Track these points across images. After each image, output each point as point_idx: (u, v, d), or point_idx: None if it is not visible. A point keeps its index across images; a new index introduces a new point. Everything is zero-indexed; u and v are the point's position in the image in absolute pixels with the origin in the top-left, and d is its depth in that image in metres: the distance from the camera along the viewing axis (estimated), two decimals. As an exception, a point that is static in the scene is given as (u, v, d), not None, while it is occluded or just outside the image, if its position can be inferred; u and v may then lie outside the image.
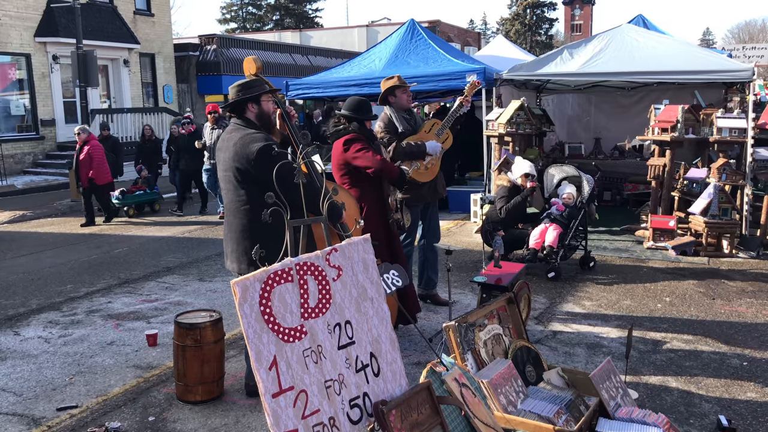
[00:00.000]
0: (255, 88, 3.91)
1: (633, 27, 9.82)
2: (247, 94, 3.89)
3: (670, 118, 8.20)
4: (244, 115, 3.92)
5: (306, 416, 2.33)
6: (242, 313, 2.25)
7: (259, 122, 3.90)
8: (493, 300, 4.06)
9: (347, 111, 5.04)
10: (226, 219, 4.00)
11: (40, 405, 4.26)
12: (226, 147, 3.87)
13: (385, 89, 5.61)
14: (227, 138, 3.90)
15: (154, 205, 12.21)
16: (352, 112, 5.02)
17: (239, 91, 3.90)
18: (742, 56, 16.27)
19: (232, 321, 5.51)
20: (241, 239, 3.87)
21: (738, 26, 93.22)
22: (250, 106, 3.90)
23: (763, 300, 6.05)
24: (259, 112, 3.91)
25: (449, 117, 5.70)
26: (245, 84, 3.93)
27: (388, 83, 5.61)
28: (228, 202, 3.93)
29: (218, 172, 3.99)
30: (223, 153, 3.88)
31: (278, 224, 2.69)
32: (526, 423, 3.13)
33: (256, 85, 3.92)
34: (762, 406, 4.00)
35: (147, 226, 10.77)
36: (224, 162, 3.86)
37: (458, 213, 10.70)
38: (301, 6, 57.75)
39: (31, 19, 17.57)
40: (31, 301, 6.56)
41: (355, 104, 5.05)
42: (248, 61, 4.08)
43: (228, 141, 3.87)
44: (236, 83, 3.95)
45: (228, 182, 3.88)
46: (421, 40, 11.15)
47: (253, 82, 3.94)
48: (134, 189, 11.95)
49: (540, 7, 70.87)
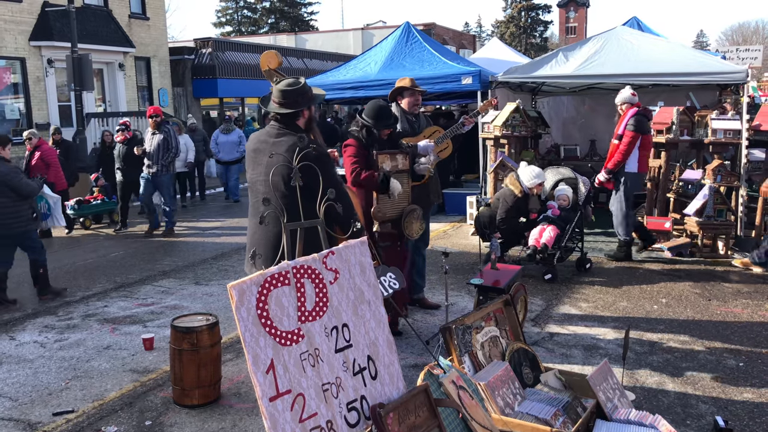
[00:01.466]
0: (310, 93, 3.78)
1: (627, 29, 9.86)
2: (306, 100, 3.75)
3: (665, 120, 8.23)
4: (294, 121, 3.77)
5: (303, 420, 2.33)
6: (239, 316, 2.25)
7: (306, 127, 3.80)
8: (490, 302, 4.06)
9: (365, 116, 5.05)
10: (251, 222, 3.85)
11: (36, 410, 4.24)
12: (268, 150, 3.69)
13: (395, 89, 5.73)
14: (274, 142, 3.72)
15: (113, 215, 11.19)
16: (367, 118, 5.03)
17: (299, 95, 3.74)
18: (735, 58, 16.35)
19: (228, 324, 5.50)
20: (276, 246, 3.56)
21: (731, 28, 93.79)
22: (306, 111, 3.79)
23: (759, 301, 6.07)
24: (310, 117, 3.83)
25: (454, 128, 5.74)
26: (304, 89, 3.78)
27: (399, 83, 5.72)
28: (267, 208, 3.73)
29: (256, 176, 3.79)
30: (265, 156, 3.71)
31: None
32: (523, 425, 3.13)
33: (309, 92, 3.79)
34: (758, 407, 4.01)
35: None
36: (269, 166, 3.65)
37: (454, 215, 10.71)
38: (296, 9, 57.76)
39: (25, 23, 17.53)
40: (27, 306, 6.54)
41: (371, 111, 5.04)
42: (269, 55, 3.95)
43: (277, 145, 3.69)
44: (286, 85, 3.77)
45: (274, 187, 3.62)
46: (417, 42, 11.17)
47: (306, 90, 3.78)
48: (91, 198, 10.99)
49: (535, 9, 71.04)
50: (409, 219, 5.17)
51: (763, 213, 7.97)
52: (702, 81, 8.52)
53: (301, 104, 3.76)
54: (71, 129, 17.02)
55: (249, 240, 3.91)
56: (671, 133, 8.11)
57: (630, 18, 13.73)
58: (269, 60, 3.95)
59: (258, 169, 3.80)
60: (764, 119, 7.91)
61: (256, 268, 3.65)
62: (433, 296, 6.23)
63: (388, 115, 5.06)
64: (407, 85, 5.64)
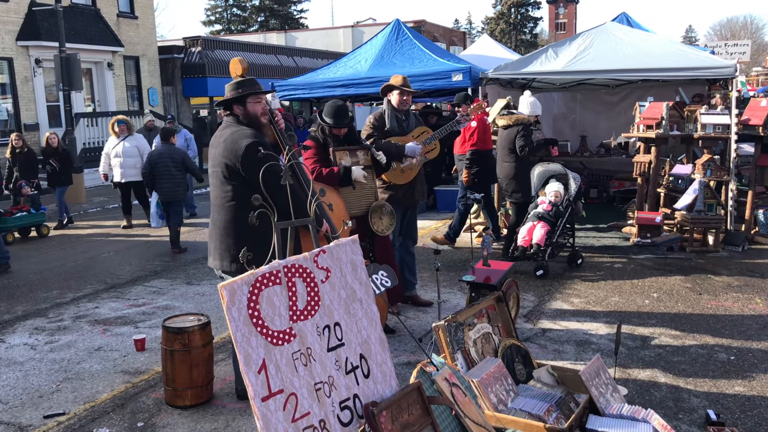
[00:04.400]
0: (243, 89, 3.94)
1: (617, 25, 9.88)
2: (233, 95, 3.93)
3: (654, 115, 8.26)
4: (234, 113, 3.97)
5: (296, 419, 2.31)
6: (230, 316, 2.23)
7: (246, 122, 3.93)
8: (482, 299, 4.07)
9: (324, 115, 5.17)
10: (211, 216, 4.01)
11: (26, 413, 4.21)
12: (217, 143, 3.90)
13: (386, 85, 5.75)
14: (219, 134, 3.94)
15: (41, 228, 10.18)
16: (326, 117, 5.14)
17: (229, 91, 3.97)
18: (724, 53, 16.41)
19: (220, 324, 5.47)
20: (224, 236, 3.88)
21: (720, 23, 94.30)
22: (236, 107, 3.95)
23: (749, 294, 6.11)
24: (245, 112, 3.94)
25: (443, 129, 5.79)
26: (236, 84, 3.97)
27: (391, 81, 5.74)
28: (214, 198, 3.96)
29: (209, 168, 4.00)
30: (213, 149, 3.91)
31: (262, 223, 2.70)
32: (516, 421, 3.13)
33: (245, 86, 3.95)
34: (749, 400, 4.03)
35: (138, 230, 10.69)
36: (214, 158, 3.88)
37: (446, 212, 10.72)
38: (286, 7, 57.62)
39: (12, 23, 17.40)
40: (17, 308, 6.49)
41: (328, 110, 5.15)
42: (234, 62, 4.09)
43: (219, 137, 3.91)
44: (231, 82, 4.00)
45: (216, 178, 3.90)
46: (407, 40, 11.15)
47: (242, 83, 3.96)
48: (15, 210, 9.85)
49: (524, 6, 71.15)
50: (377, 214, 5.21)
51: (752, 207, 8.02)
52: (691, 76, 8.55)
53: (230, 95, 3.92)
54: (60, 129, 16.92)
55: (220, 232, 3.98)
56: (661, 129, 8.14)
57: (619, 14, 13.76)
58: (235, 68, 4.10)
59: (209, 162, 3.99)
60: (753, 114, 7.95)
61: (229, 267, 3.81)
62: (425, 293, 6.23)
63: (343, 113, 5.15)
64: (398, 84, 5.68)
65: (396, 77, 5.75)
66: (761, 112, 7.82)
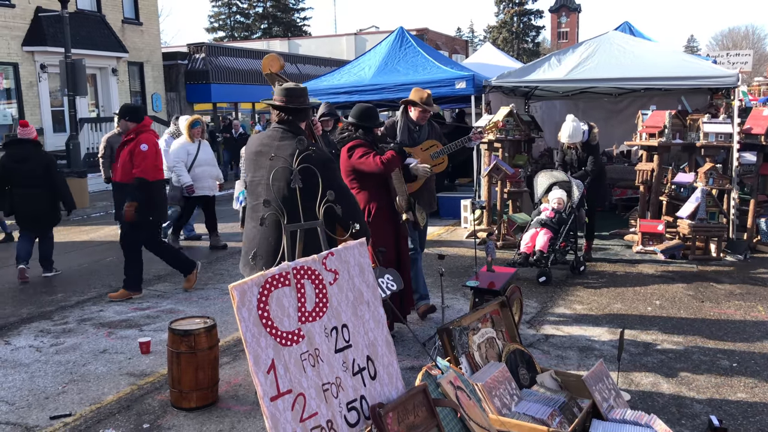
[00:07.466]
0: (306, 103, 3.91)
1: (619, 34, 9.93)
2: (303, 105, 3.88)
3: (657, 124, 8.29)
4: (298, 123, 3.91)
5: (304, 419, 2.35)
6: (240, 317, 2.27)
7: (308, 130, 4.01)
8: (486, 304, 4.10)
9: (353, 118, 5.15)
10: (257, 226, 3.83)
11: (33, 414, 4.24)
12: (271, 152, 3.76)
13: (407, 99, 5.74)
14: (278, 145, 3.81)
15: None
16: (358, 119, 5.12)
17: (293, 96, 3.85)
18: (726, 62, 16.46)
19: (225, 328, 5.50)
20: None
21: (722, 33, 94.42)
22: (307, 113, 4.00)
23: (751, 302, 6.13)
24: (307, 123, 4.03)
25: (453, 145, 5.71)
26: (305, 90, 3.91)
27: (412, 95, 5.70)
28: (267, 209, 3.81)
29: (258, 178, 3.85)
30: (266, 159, 3.78)
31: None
32: (520, 425, 3.16)
33: (306, 100, 3.92)
34: (752, 406, 4.05)
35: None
36: (270, 169, 3.71)
37: (449, 219, 10.75)
38: (289, 15, 57.83)
39: (18, 29, 17.50)
40: (22, 311, 6.52)
41: (360, 112, 5.15)
42: (270, 58, 3.97)
43: (281, 148, 3.78)
44: (287, 88, 3.87)
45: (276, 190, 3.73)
46: (410, 47, 11.21)
47: (302, 92, 3.89)
48: None
49: (527, 14, 71.33)
50: (417, 208, 5.33)
51: (754, 215, 8.05)
52: (694, 85, 8.60)
53: (305, 103, 3.86)
54: (64, 134, 16.99)
55: (247, 242, 3.94)
56: (663, 137, 8.18)
57: (622, 23, 13.81)
58: (271, 63, 3.99)
59: (260, 172, 3.86)
60: (755, 123, 8.00)
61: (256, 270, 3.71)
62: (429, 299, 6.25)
63: (375, 114, 5.22)
64: (420, 101, 5.62)
65: (419, 92, 5.66)
66: (763, 122, 7.86)
